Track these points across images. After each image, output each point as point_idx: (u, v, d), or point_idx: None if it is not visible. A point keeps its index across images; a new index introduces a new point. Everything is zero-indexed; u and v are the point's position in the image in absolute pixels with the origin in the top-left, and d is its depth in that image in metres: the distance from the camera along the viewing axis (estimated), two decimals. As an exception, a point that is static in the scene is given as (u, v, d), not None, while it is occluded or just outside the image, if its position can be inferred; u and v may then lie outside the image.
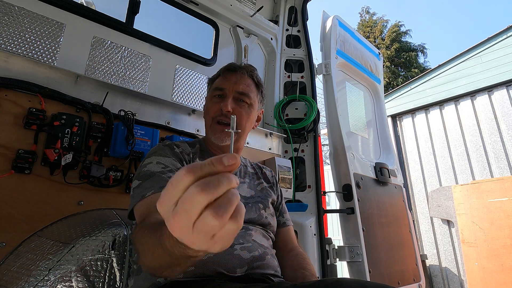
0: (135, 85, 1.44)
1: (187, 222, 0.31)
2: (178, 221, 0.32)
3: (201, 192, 0.30)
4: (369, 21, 16.85)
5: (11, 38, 1.14)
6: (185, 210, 0.31)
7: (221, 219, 0.30)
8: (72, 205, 1.09)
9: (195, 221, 0.31)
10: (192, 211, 0.30)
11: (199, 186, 0.30)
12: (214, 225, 0.31)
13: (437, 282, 4.39)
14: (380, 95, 2.36)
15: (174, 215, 0.32)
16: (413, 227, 1.99)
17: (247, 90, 0.99)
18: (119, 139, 1.20)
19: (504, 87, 4.45)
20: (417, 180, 4.99)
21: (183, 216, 0.31)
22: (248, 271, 0.80)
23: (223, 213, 0.30)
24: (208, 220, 0.30)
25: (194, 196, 0.30)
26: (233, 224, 0.32)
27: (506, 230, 3.48)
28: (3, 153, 1.00)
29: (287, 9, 2.10)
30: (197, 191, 0.30)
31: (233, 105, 0.96)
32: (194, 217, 0.31)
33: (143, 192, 0.74)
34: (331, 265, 1.58)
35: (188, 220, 0.31)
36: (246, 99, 0.99)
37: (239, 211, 0.32)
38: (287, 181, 1.63)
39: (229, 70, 1.02)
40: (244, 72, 1.01)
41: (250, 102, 1.00)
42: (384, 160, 2.06)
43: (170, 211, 0.32)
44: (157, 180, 0.77)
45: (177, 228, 0.32)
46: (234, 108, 0.96)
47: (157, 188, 0.74)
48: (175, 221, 0.32)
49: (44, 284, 0.77)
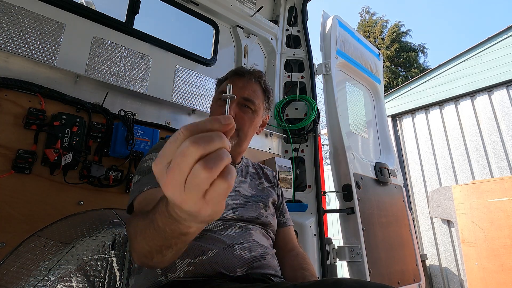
0: (135, 85, 1.44)
1: (179, 177, 0.32)
2: (171, 177, 0.32)
3: (193, 145, 0.31)
4: (369, 21, 16.85)
5: (11, 38, 1.14)
6: (177, 164, 0.31)
7: (210, 171, 0.31)
8: (72, 205, 1.09)
9: (186, 178, 0.32)
10: (184, 165, 0.31)
11: (191, 139, 0.31)
12: (204, 177, 0.31)
13: (437, 282, 4.39)
14: (380, 95, 2.36)
15: (168, 172, 0.32)
16: (413, 227, 1.99)
17: (253, 96, 0.98)
18: (119, 139, 1.20)
19: (504, 87, 4.45)
20: (417, 180, 4.99)
21: (176, 171, 0.32)
22: (248, 271, 0.80)
23: (213, 166, 0.31)
24: (197, 172, 0.31)
25: (186, 149, 0.31)
26: (223, 183, 0.32)
27: (506, 230, 3.48)
28: (3, 153, 1.00)
29: (287, 9, 2.10)
30: (189, 144, 0.31)
31: (237, 110, 0.95)
32: (186, 172, 0.31)
33: (141, 187, 0.75)
34: (331, 265, 1.58)
35: (180, 175, 0.32)
36: (251, 105, 0.97)
37: (229, 171, 0.33)
38: (287, 181, 1.63)
39: (237, 74, 1.01)
40: (251, 78, 1.00)
41: (255, 109, 0.99)
42: (384, 160, 2.06)
43: (165, 170, 0.33)
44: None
45: (169, 185, 0.33)
46: (237, 114, 0.95)
47: (154, 183, 0.75)
48: (168, 178, 0.32)
49: (44, 284, 0.77)
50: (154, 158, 0.84)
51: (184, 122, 1.48)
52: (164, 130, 1.40)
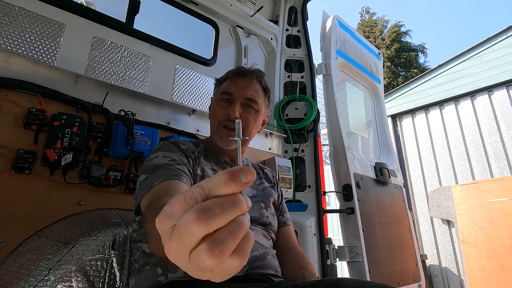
0: (135, 85, 1.44)
1: (181, 250, 0.26)
2: (174, 246, 0.26)
3: (196, 221, 0.24)
4: (369, 21, 16.85)
5: (11, 38, 1.14)
6: (179, 235, 0.25)
7: (216, 259, 0.24)
8: (72, 205, 1.09)
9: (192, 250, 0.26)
10: (186, 240, 0.25)
11: (195, 213, 0.24)
12: (208, 264, 0.25)
13: (437, 282, 4.38)
14: (380, 95, 2.36)
15: (171, 239, 0.26)
16: (413, 227, 1.99)
17: (255, 96, 0.99)
18: (119, 139, 1.20)
19: (504, 87, 4.45)
20: (417, 180, 4.98)
21: (177, 242, 0.26)
22: (249, 271, 0.80)
23: (221, 252, 0.25)
24: (201, 258, 0.25)
25: (188, 224, 0.24)
26: (234, 261, 0.26)
27: (506, 230, 3.48)
28: (3, 153, 1.00)
29: (287, 9, 2.10)
30: (191, 219, 0.24)
31: (241, 110, 0.96)
32: (188, 248, 0.25)
33: (151, 183, 0.71)
34: (331, 265, 1.58)
35: (182, 248, 0.26)
36: (254, 105, 0.98)
37: (243, 247, 0.26)
38: (287, 181, 1.63)
39: (238, 74, 1.01)
40: (253, 78, 1.01)
41: (257, 108, 1.00)
42: (384, 160, 2.06)
43: (168, 233, 0.27)
44: (164, 170, 0.75)
45: (172, 253, 0.27)
46: (241, 114, 0.96)
47: (165, 177, 0.72)
48: (171, 245, 0.26)
49: (44, 284, 0.77)
50: (159, 156, 0.82)
51: (184, 122, 1.48)
52: (164, 130, 1.40)
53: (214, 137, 1.00)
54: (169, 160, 0.81)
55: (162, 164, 0.78)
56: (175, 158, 0.82)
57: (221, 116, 0.97)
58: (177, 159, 0.83)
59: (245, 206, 0.26)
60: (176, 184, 0.70)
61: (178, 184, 0.71)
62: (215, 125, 0.99)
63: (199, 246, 0.25)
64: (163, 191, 0.67)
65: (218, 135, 0.97)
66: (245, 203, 0.26)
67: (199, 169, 0.89)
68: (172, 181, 0.71)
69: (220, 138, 0.96)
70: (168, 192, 0.66)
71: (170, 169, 0.76)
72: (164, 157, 0.82)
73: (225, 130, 0.96)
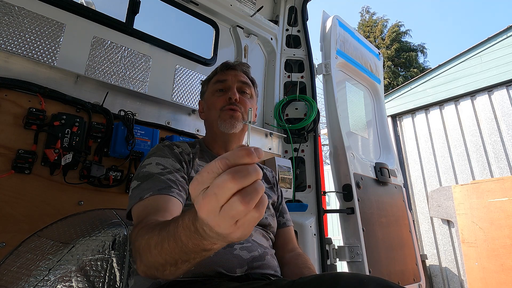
0: (135, 85, 1.44)
1: (215, 204, 0.34)
2: (208, 202, 0.34)
3: (232, 180, 0.33)
4: (369, 21, 16.84)
5: (11, 38, 1.14)
6: (215, 193, 0.33)
7: (247, 205, 0.33)
8: (72, 205, 1.09)
9: (223, 205, 0.34)
10: (221, 195, 0.33)
11: (230, 174, 0.33)
12: (240, 210, 0.33)
13: (437, 282, 4.39)
14: (380, 95, 2.36)
15: (204, 197, 0.34)
16: (413, 227, 1.99)
17: (247, 81, 1.04)
18: (119, 139, 1.20)
19: (504, 87, 4.45)
20: (417, 180, 4.98)
21: (212, 199, 0.34)
22: (248, 271, 0.80)
23: (250, 200, 0.33)
24: (235, 205, 0.33)
25: (225, 182, 0.33)
26: (255, 212, 0.35)
27: (506, 230, 3.48)
28: (3, 153, 1.00)
29: (287, 9, 2.10)
30: (228, 178, 0.33)
31: (239, 95, 0.98)
32: (222, 201, 0.34)
33: (141, 194, 0.74)
34: (331, 265, 1.58)
35: (216, 203, 0.34)
36: (247, 89, 1.02)
37: (262, 202, 0.35)
38: (287, 181, 1.63)
39: (226, 67, 1.05)
40: (241, 69, 1.05)
41: (251, 93, 1.04)
42: (384, 160, 2.06)
43: (201, 194, 0.35)
44: (155, 182, 0.77)
45: (205, 209, 0.35)
46: (240, 98, 0.98)
47: (155, 190, 0.75)
48: (205, 202, 0.34)
49: (44, 284, 0.77)
50: (152, 163, 0.84)
51: (184, 122, 1.48)
52: (164, 130, 1.40)
53: (215, 125, 0.99)
54: (161, 169, 0.82)
55: (154, 173, 0.80)
56: (167, 166, 0.84)
57: (222, 102, 0.98)
58: (170, 167, 0.84)
59: (261, 172, 0.35)
60: (167, 200, 0.74)
61: (168, 200, 0.74)
62: (216, 115, 0.99)
63: (232, 198, 0.33)
64: (152, 209, 0.70)
65: (221, 119, 0.97)
66: (261, 171, 0.35)
67: (194, 172, 0.90)
68: (162, 196, 0.74)
69: (224, 121, 0.96)
70: (157, 211, 0.69)
71: (161, 181, 0.78)
72: (157, 165, 0.83)
73: (228, 112, 0.97)
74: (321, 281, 0.54)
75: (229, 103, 0.97)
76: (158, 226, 0.54)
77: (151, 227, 0.57)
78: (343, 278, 0.53)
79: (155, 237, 0.51)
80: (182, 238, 0.44)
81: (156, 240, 0.50)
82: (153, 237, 0.52)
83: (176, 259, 0.48)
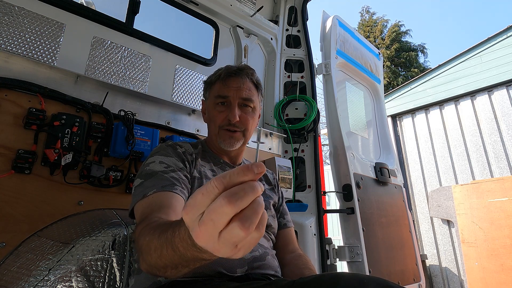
0: (135, 85, 1.44)
1: (213, 232, 0.32)
2: (205, 230, 0.32)
3: (228, 204, 0.30)
4: (369, 20, 16.84)
5: (11, 38, 1.14)
6: (211, 220, 0.31)
7: (247, 231, 0.31)
8: (72, 205, 1.09)
9: (221, 231, 0.32)
10: (219, 221, 0.31)
11: (226, 198, 0.30)
12: (241, 236, 0.31)
13: (437, 282, 4.39)
14: (380, 95, 2.36)
15: (201, 225, 0.32)
16: (413, 227, 1.99)
17: (250, 95, 0.99)
18: (119, 139, 1.20)
19: (504, 87, 4.45)
20: (417, 180, 4.98)
21: (209, 226, 0.32)
22: (248, 271, 0.80)
23: (250, 225, 0.31)
24: (235, 232, 0.31)
25: (221, 207, 0.30)
26: (256, 233, 0.33)
27: (506, 230, 3.48)
28: (3, 153, 1.00)
29: (287, 9, 2.10)
30: (224, 203, 0.30)
31: (239, 112, 0.96)
32: (220, 227, 0.31)
33: (144, 191, 0.74)
34: (331, 265, 1.58)
35: (214, 230, 0.32)
36: (250, 104, 0.99)
37: (262, 221, 0.33)
38: (287, 181, 1.63)
39: (229, 75, 0.99)
40: (244, 76, 1.00)
41: (254, 106, 1.00)
42: (384, 160, 2.06)
43: (196, 221, 0.33)
44: (159, 179, 0.77)
45: (203, 237, 0.33)
46: (240, 116, 0.95)
47: (159, 187, 0.74)
48: (201, 230, 0.32)
49: (44, 284, 0.77)
50: (156, 161, 0.83)
51: (184, 122, 1.48)
52: (164, 130, 1.40)
53: (214, 139, 0.99)
54: (164, 167, 0.82)
55: (157, 171, 0.80)
56: (170, 164, 0.84)
57: (221, 121, 0.97)
58: (173, 165, 0.84)
59: (260, 189, 0.32)
60: (170, 197, 0.73)
61: (172, 196, 0.73)
62: (215, 130, 0.99)
63: (231, 224, 0.31)
64: (156, 206, 0.69)
65: (221, 138, 0.97)
66: (260, 187, 0.32)
67: (196, 172, 0.90)
68: (166, 193, 0.74)
69: (224, 141, 0.97)
70: (161, 208, 0.68)
71: (164, 178, 0.78)
72: (160, 163, 0.83)
73: (228, 133, 0.96)
74: (321, 281, 0.54)
75: (228, 123, 0.95)
76: (158, 229, 0.53)
77: (152, 227, 0.56)
78: (343, 278, 0.53)
79: (155, 240, 0.50)
80: (180, 249, 0.42)
81: (156, 244, 0.50)
82: (153, 240, 0.51)
83: (176, 264, 0.47)
